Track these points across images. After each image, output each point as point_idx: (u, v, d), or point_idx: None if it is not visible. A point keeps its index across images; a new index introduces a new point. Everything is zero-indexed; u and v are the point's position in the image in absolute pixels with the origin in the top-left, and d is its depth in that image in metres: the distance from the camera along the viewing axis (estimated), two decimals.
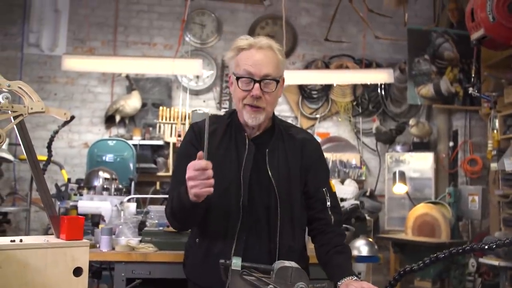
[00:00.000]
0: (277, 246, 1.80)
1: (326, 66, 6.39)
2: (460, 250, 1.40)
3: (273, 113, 1.92)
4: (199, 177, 1.57)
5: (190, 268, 1.91)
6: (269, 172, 1.82)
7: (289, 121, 6.33)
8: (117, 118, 5.87)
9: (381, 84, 6.37)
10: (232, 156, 1.84)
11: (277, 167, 1.83)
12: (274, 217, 1.81)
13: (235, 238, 1.78)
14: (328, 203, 1.87)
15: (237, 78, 1.79)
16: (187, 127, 5.86)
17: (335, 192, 1.94)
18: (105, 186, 3.46)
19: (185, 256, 1.96)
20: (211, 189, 1.58)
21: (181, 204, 1.70)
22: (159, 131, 5.90)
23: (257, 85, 1.76)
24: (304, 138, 1.94)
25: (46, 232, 5.03)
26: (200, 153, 1.57)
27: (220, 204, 1.78)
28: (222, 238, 1.79)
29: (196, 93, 6.28)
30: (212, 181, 1.58)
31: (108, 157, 5.22)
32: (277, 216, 1.81)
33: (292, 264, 1.52)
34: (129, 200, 3.22)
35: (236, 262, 1.49)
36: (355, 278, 1.66)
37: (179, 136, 5.78)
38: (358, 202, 3.75)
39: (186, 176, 1.59)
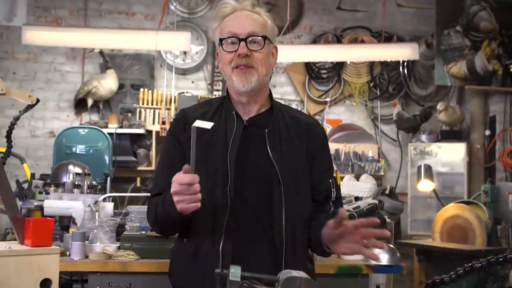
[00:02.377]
0: (283, 245, 1.81)
1: (338, 40, 6.38)
2: (501, 259, 1.41)
3: (270, 92, 2.00)
4: (185, 192, 1.64)
5: (176, 273, 1.93)
6: (270, 155, 1.85)
7: (294, 105, 6.42)
8: (89, 102, 5.86)
9: (403, 62, 6.36)
10: (220, 139, 1.88)
11: (279, 150, 1.88)
12: (277, 206, 1.83)
13: (222, 233, 1.79)
14: (333, 196, 1.93)
15: (221, 41, 1.89)
16: (172, 112, 5.86)
17: (339, 185, 2.03)
18: (76, 183, 3.45)
19: (171, 261, 1.98)
20: (199, 204, 1.66)
21: (166, 214, 1.78)
22: (140, 118, 5.90)
23: (242, 43, 1.85)
24: (309, 122, 2.03)
25: (4, 238, 5.03)
26: (185, 167, 1.63)
27: (206, 195, 1.77)
28: (210, 235, 1.81)
29: (183, 72, 6.27)
30: (199, 196, 1.65)
31: (79, 149, 5.21)
32: (281, 205, 1.83)
33: (301, 274, 1.52)
34: (104, 199, 3.22)
35: (235, 272, 1.49)
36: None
37: (163, 123, 5.78)
38: (376, 201, 3.74)
39: (171, 190, 1.67)
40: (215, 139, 1.87)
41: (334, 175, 1.99)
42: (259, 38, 1.87)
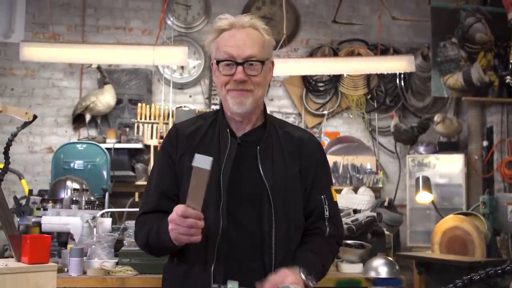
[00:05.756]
0: (272, 265, 1.78)
1: (335, 53, 6.39)
2: (499, 271, 1.40)
3: (265, 106, 1.95)
4: (181, 224, 1.63)
5: None
6: (262, 173, 1.82)
7: (291, 118, 6.43)
8: (87, 117, 5.86)
9: (400, 74, 6.38)
10: (213, 157, 1.84)
11: (271, 168, 1.84)
12: (267, 225, 1.81)
13: (215, 252, 1.77)
14: (326, 213, 1.88)
15: (218, 62, 1.84)
16: (170, 127, 5.86)
17: (336, 202, 1.96)
18: (74, 199, 3.44)
19: (163, 278, 1.97)
20: (193, 238, 1.65)
21: (159, 242, 1.77)
22: (138, 132, 5.90)
23: (239, 68, 1.80)
24: (303, 136, 1.97)
25: (2, 254, 5.01)
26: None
27: None
28: (202, 257, 1.79)
29: (180, 86, 6.28)
30: (193, 231, 1.63)
31: (77, 164, 5.19)
32: (271, 224, 1.80)
33: (297, 287, 1.53)
34: (103, 215, 3.20)
35: (233, 287, 1.49)
36: (301, 271, 1.71)
37: (161, 138, 5.77)
38: (374, 214, 3.74)
39: (168, 218, 1.68)
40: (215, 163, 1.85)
41: (330, 191, 1.94)
42: (258, 63, 1.82)
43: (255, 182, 1.82)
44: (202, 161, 1.55)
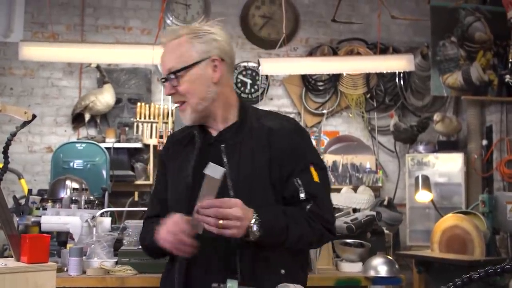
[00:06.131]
0: (238, 266, 1.74)
1: (334, 52, 6.39)
2: (499, 270, 1.40)
3: (240, 102, 1.93)
4: (173, 235, 1.72)
5: None
6: (227, 169, 1.78)
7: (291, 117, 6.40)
8: (87, 116, 5.86)
9: (399, 73, 6.38)
10: (188, 161, 1.88)
11: (237, 165, 1.81)
12: None
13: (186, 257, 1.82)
14: (302, 195, 1.80)
15: None
16: (170, 126, 5.86)
17: (318, 182, 1.85)
18: (73, 198, 3.44)
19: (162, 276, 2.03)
20: (181, 252, 1.73)
21: (154, 245, 1.85)
22: (137, 132, 5.89)
23: (166, 83, 1.85)
24: (271, 126, 1.88)
25: (2, 254, 5.01)
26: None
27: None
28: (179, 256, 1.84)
29: None
30: (183, 247, 1.71)
31: (77, 164, 5.19)
32: None
33: (297, 287, 1.53)
34: (102, 214, 3.20)
35: (232, 286, 1.49)
36: (255, 215, 1.66)
37: (161, 137, 5.78)
38: (374, 213, 3.74)
39: (160, 229, 1.79)
40: (187, 164, 1.88)
41: (309, 172, 1.84)
42: (179, 72, 1.82)
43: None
44: (214, 171, 1.58)
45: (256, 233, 1.65)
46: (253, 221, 1.65)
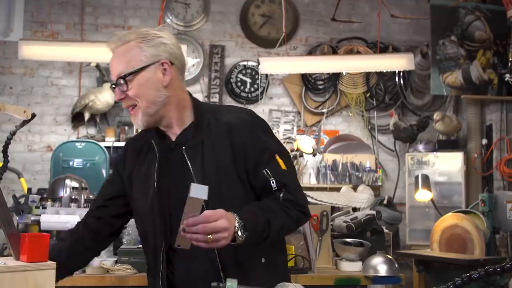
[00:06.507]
0: (217, 257, 1.77)
1: (334, 51, 6.39)
2: (498, 269, 1.40)
3: (194, 101, 1.91)
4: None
5: None
6: (192, 172, 1.79)
7: (291, 116, 6.43)
8: (86, 115, 5.85)
9: (399, 72, 6.38)
10: (150, 174, 1.87)
11: (201, 165, 1.80)
12: None
13: (161, 261, 1.82)
14: (273, 185, 1.80)
15: None
16: None
17: (286, 170, 1.86)
18: (73, 197, 3.44)
19: None
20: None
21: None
22: (137, 131, 5.88)
23: (116, 89, 1.84)
24: (229, 122, 1.87)
25: (1, 253, 5.01)
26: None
27: (144, 228, 1.90)
28: (155, 264, 1.85)
29: None
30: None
31: (76, 163, 5.20)
32: None
33: (297, 286, 1.53)
34: None
35: (231, 286, 1.48)
36: (237, 218, 1.64)
37: None
38: (373, 212, 3.74)
39: None
40: (151, 171, 1.87)
41: (276, 162, 1.84)
42: (127, 77, 1.81)
43: (187, 183, 1.65)
44: (199, 191, 1.53)
45: (242, 236, 1.64)
46: (237, 225, 1.63)
